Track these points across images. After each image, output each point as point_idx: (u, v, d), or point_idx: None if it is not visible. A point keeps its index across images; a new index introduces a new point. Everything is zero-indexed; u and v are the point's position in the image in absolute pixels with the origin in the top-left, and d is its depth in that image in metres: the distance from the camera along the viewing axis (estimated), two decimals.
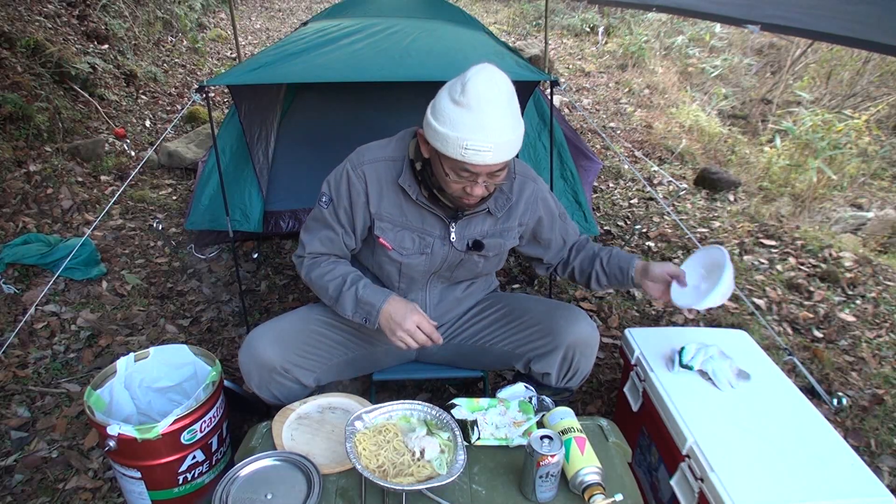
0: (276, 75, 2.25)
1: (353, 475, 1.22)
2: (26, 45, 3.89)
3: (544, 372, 1.54)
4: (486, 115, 1.20)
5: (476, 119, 1.20)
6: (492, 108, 1.20)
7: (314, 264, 1.49)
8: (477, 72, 1.23)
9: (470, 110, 1.20)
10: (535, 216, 1.56)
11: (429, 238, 1.48)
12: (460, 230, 1.47)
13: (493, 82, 1.22)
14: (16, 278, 2.63)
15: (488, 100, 1.20)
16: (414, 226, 1.47)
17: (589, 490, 1.16)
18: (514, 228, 1.53)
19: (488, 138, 1.20)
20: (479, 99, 1.20)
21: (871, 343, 2.54)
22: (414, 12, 3.01)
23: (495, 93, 1.21)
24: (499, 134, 1.21)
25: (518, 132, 1.26)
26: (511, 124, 1.23)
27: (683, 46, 7.15)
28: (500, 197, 1.47)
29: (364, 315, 1.40)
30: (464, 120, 1.21)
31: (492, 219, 1.50)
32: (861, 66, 5.80)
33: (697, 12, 2.60)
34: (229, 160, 2.90)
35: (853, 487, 1.26)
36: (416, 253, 1.49)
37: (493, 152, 1.22)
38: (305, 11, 9.53)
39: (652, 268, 1.52)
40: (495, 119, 1.21)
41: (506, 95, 1.23)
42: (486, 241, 1.49)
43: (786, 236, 3.39)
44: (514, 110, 1.25)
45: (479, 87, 1.20)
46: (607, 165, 4.19)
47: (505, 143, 1.23)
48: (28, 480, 1.81)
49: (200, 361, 1.71)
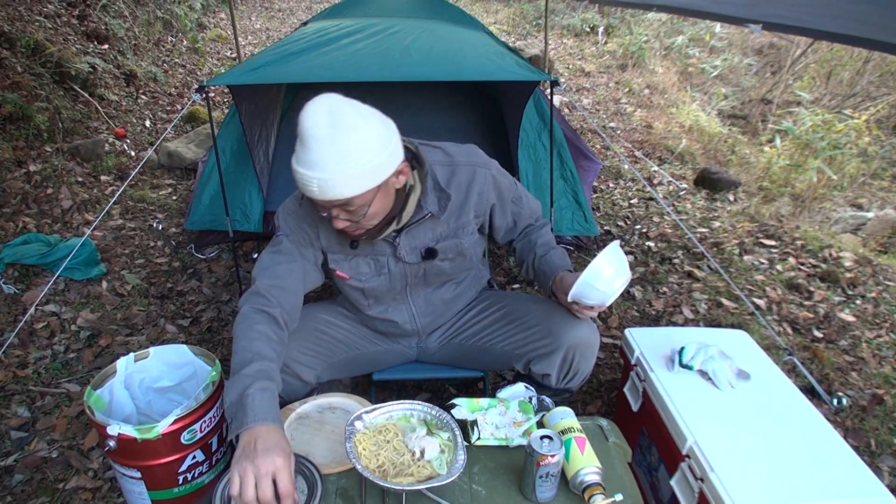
0: (276, 75, 2.25)
1: (353, 475, 1.22)
2: (26, 45, 3.89)
3: (544, 373, 1.53)
4: (310, 150, 1.14)
5: (304, 152, 1.15)
6: (316, 144, 1.14)
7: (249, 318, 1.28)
8: (309, 104, 1.16)
9: (301, 142, 1.16)
10: (490, 203, 1.51)
11: (381, 258, 1.45)
12: (408, 243, 1.43)
13: (320, 114, 1.14)
14: (16, 278, 2.63)
15: (312, 135, 1.14)
16: (365, 250, 1.44)
17: (589, 490, 1.16)
18: (469, 223, 1.48)
19: (312, 173, 1.15)
20: (304, 133, 1.15)
21: (871, 343, 2.54)
22: (414, 12, 3.01)
23: (322, 127, 1.13)
24: (322, 170, 1.14)
25: (356, 168, 1.15)
26: (340, 160, 1.14)
27: (683, 46, 7.15)
28: (441, 196, 1.40)
29: (232, 416, 1.12)
30: (298, 151, 1.17)
31: (440, 221, 1.43)
32: (861, 66, 5.80)
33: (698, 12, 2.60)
34: (229, 160, 2.90)
35: (853, 487, 1.26)
36: (374, 276, 1.47)
37: (318, 188, 1.16)
38: (305, 11, 9.53)
39: (565, 280, 1.46)
40: (319, 154, 1.14)
41: (340, 130, 1.14)
42: (438, 247, 1.45)
43: (786, 236, 3.39)
44: (349, 146, 1.14)
45: (306, 120, 1.15)
46: (607, 165, 4.20)
47: (331, 181, 1.15)
48: (28, 480, 1.81)
49: (200, 361, 1.71)
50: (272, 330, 1.28)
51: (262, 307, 1.30)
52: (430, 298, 1.58)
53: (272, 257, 1.40)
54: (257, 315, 1.29)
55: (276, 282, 1.34)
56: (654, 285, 2.89)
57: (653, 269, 3.02)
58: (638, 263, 3.08)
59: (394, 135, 1.24)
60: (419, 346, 1.68)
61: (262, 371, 1.18)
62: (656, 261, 3.10)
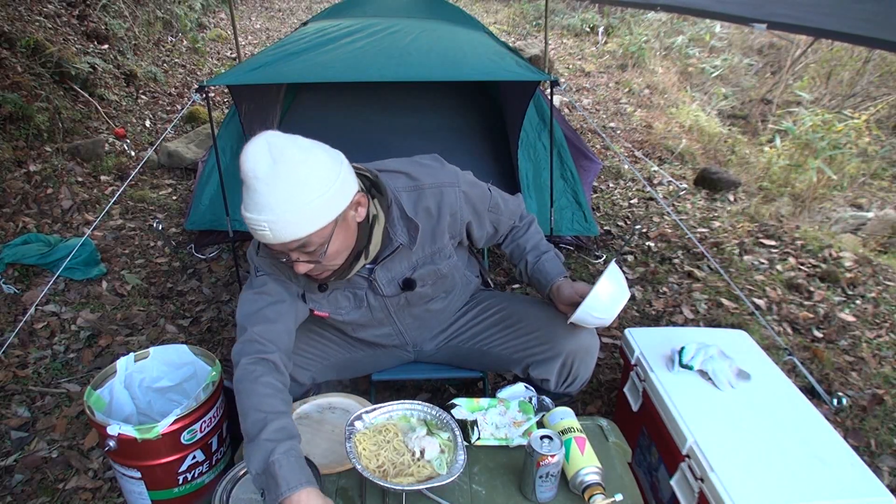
0: (277, 75, 2.26)
1: (353, 475, 1.22)
2: (26, 45, 3.89)
3: (543, 378, 1.53)
4: (255, 191, 1.08)
5: (249, 195, 1.09)
6: (259, 184, 1.07)
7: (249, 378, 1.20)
8: (250, 143, 1.10)
9: (245, 186, 1.10)
10: (465, 221, 1.41)
11: (360, 292, 1.40)
12: (384, 275, 1.37)
13: (261, 155, 1.08)
14: (16, 278, 2.63)
15: (255, 175, 1.07)
16: (341, 284, 1.37)
17: (589, 490, 1.16)
18: (445, 247, 1.40)
19: (260, 216, 1.08)
20: (247, 175, 1.08)
21: (871, 343, 2.54)
22: (414, 12, 3.01)
23: (264, 166, 1.07)
24: (270, 212, 1.07)
25: (305, 206, 1.08)
26: (287, 200, 1.07)
27: (683, 46, 7.15)
28: (410, 226, 1.31)
29: (262, 486, 1.09)
30: (245, 196, 1.11)
31: (412, 251, 1.35)
32: (861, 66, 5.79)
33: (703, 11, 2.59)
34: (229, 160, 2.90)
35: (853, 487, 1.26)
36: (353, 308, 1.42)
37: (270, 231, 1.09)
38: (305, 11, 9.53)
39: (562, 290, 1.44)
40: (265, 195, 1.07)
41: (284, 168, 1.07)
42: (416, 275, 1.39)
43: (786, 236, 3.39)
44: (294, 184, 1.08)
45: (247, 161, 1.08)
46: (607, 165, 4.19)
47: (283, 222, 1.08)
48: (28, 480, 1.81)
49: (200, 361, 1.71)
50: (276, 379, 1.23)
51: (260, 355, 1.23)
52: (416, 314, 1.53)
53: (257, 299, 1.31)
54: (258, 367, 1.22)
55: (268, 326, 1.27)
56: (654, 285, 2.89)
57: (653, 269, 3.02)
58: (638, 263, 3.08)
59: (342, 165, 1.17)
60: (416, 350, 1.68)
61: (281, 430, 1.12)
62: (656, 261, 3.10)
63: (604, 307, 1.33)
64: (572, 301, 1.40)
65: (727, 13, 1.93)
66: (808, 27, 1.56)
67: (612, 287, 1.34)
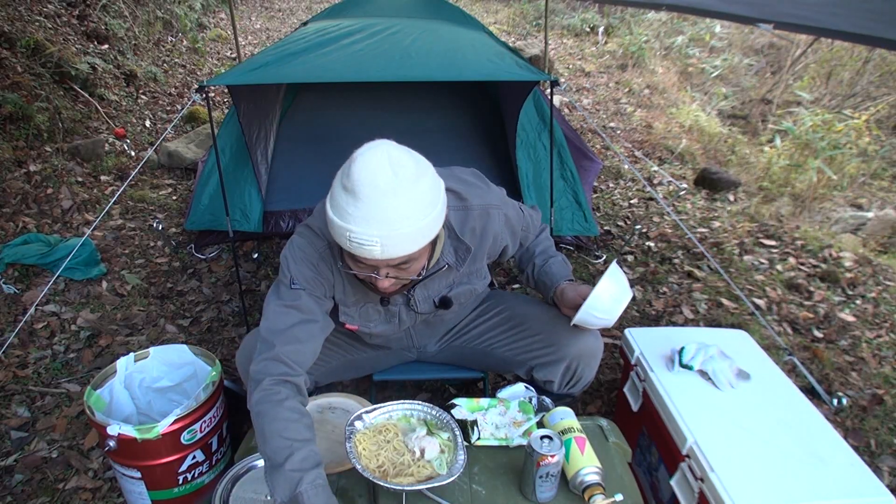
0: (277, 75, 2.25)
1: (353, 475, 1.22)
2: (26, 45, 3.89)
3: (546, 380, 1.53)
4: (371, 204, 1.00)
5: (360, 208, 1.01)
6: (379, 197, 1.00)
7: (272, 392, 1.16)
8: (364, 151, 1.03)
9: (354, 196, 1.01)
10: (503, 244, 1.42)
11: (393, 308, 1.39)
12: (422, 293, 1.37)
13: (383, 165, 1.01)
14: (16, 278, 2.63)
15: (375, 186, 1.00)
16: (373, 297, 1.35)
17: (589, 490, 1.16)
18: (482, 268, 1.43)
19: (373, 231, 1.01)
20: (364, 185, 1.00)
21: (871, 343, 2.54)
22: (414, 12, 3.01)
23: (386, 178, 1.00)
24: (388, 227, 1.01)
25: (424, 220, 1.04)
26: (407, 215, 1.02)
27: (683, 46, 7.15)
28: (458, 246, 1.31)
29: None
30: (348, 207, 1.02)
31: (454, 270, 1.36)
32: (861, 66, 5.79)
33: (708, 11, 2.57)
34: (229, 160, 2.91)
35: (853, 487, 1.26)
36: (382, 322, 1.42)
37: (381, 247, 1.02)
38: (305, 11, 9.53)
39: (566, 294, 1.43)
40: (384, 209, 1.00)
41: (403, 181, 1.01)
42: (452, 294, 1.39)
43: (786, 236, 3.39)
44: (414, 199, 1.02)
45: (364, 172, 1.01)
46: (607, 165, 4.19)
47: (398, 237, 1.02)
48: (28, 480, 1.81)
49: (200, 361, 1.72)
50: (300, 402, 1.19)
51: (285, 377, 1.19)
52: (430, 321, 1.54)
53: (288, 314, 1.24)
54: (282, 389, 1.18)
55: (297, 347, 1.22)
56: (654, 285, 2.89)
57: (653, 269, 3.02)
58: (638, 263, 3.08)
59: (441, 182, 1.12)
60: (419, 350, 1.68)
61: (306, 460, 1.09)
62: (656, 261, 3.10)
63: (606, 307, 1.33)
64: (575, 303, 1.38)
65: (733, 13, 1.92)
66: (814, 27, 1.55)
67: (614, 287, 1.34)
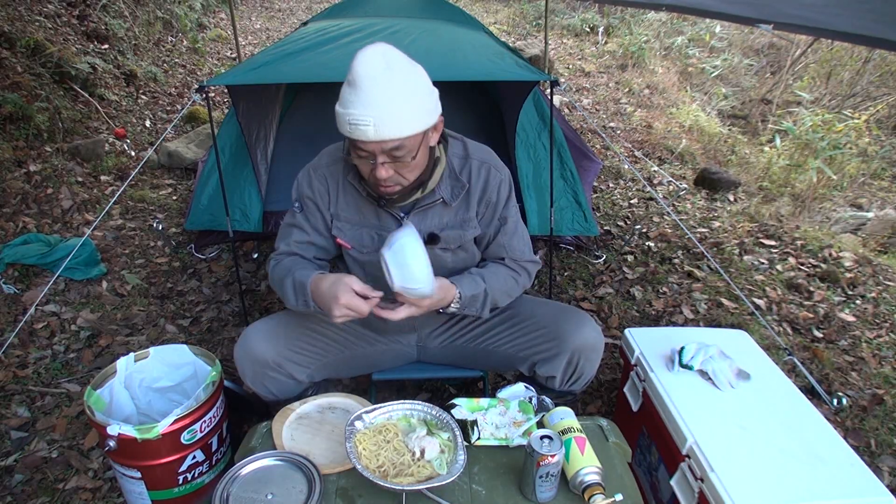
0: (276, 75, 2.26)
1: (353, 475, 1.22)
2: (26, 45, 3.89)
3: (549, 375, 1.53)
4: (365, 90, 1.18)
5: (357, 94, 1.19)
6: (372, 83, 1.18)
7: (278, 263, 1.48)
8: (365, 48, 1.22)
9: (353, 86, 1.20)
10: (493, 204, 1.49)
11: (385, 234, 1.43)
12: (415, 224, 1.43)
13: (376, 57, 1.20)
14: (16, 278, 2.63)
15: (369, 75, 1.18)
16: (371, 223, 1.47)
17: (589, 490, 1.16)
18: (472, 219, 1.49)
19: (367, 112, 1.18)
20: (360, 74, 1.19)
21: (871, 343, 2.54)
22: (414, 12, 3.01)
23: (378, 67, 1.19)
24: (379, 107, 1.18)
25: (408, 105, 1.21)
26: (395, 97, 1.19)
27: (683, 46, 7.15)
28: (455, 185, 1.44)
29: (304, 300, 1.36)
30: (348, 96, 1.21)
31: (449, 210, 1.46)
32: (861, 66, 5.79)
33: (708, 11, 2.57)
34: (229, 160, 2.90)
35: (853, 487, 1.26)
36: (374, 251, 1.45)
37: (374, 126, 1.19)
38: (305, 11, 9.52)
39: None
40: (377, 93, 1.18)
41: (395, 70, 1.20)
42: (442, 234, 1.46)
43: (786, 236, 3.39)
44: (403, 85, 1.20)
45: (362, 63, 1.19)
46: (607, 165, 4.20)
47: (388, 117, 1.19)
48: (28, 480, 1.81)
49: (200, 361, 1.72)
50: (298, 258, 1.48)
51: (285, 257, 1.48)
52: None
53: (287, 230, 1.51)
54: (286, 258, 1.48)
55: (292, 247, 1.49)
56: (654, 285, 2.89)
57: (653, 269, 3.02)
58: (638, 263, 3.08)
59: (434, 88, 1.29)
60: (419, 346, 1.68)
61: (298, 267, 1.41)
62: (656, 261, 3.10)
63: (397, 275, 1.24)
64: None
65: (733, 13, 1.92)
66: (814, 27, 1.55)
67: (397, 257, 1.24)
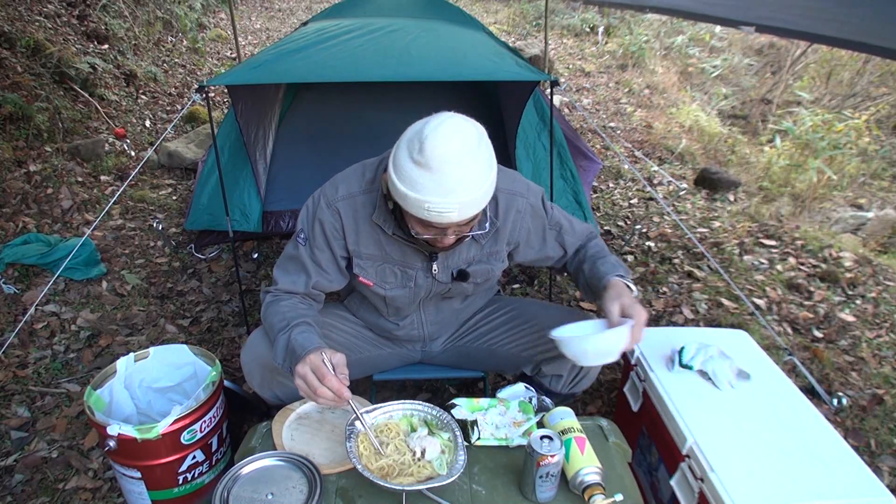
0: (276, 74, 2.25)
1: (353, 475, 1.22)
2: (26, 45, 3.89)
3: (555, 374, 1.54)
4: (447, 175, 1.09)
5: (437, 181, 1.10)
6: (453, 168, 1.09)
7: (274, 302, 1.38)
8: (436, 128, 1.11)
9: (430, 171, 1.10)
10: (524, 230, 1.47)
11: (411, 271, 1.42)
12: (443, 261, 1.42)
13: (453, 138, 1.10)
14: (16, 278, 2.63)
15: (448, 160, 1.09)
16: (395, 259, 1.41)
17: (589, 490, 1.16)
18: (501, 251, 1.46)
19: (452, 200, 1.11)
20: (439, 159, 1.09)
21: (871, 343, 2.54)
22: (414, 12, 3.00)
23: (457, 149, 1.10)
24: (464, 193, 1.11)
25: (488, 183, 1.16)
26: (477, 179, 1.13)
27: (683, 46, 7.15)
28: (483, 221, 1.38)
29: (289, 367, 1.23)
30: (424, 181, 1.11)
31: (477, 245, 1.42)
32: (861, 66, 5.80)
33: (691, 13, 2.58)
34: (228, 160, 2.90)
35: (853, 487, 1.26)
36: (398, 286, 1.45)
37: (458, 212, 1.13)
38: (305, 11, 9.52)
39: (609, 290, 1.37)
40: (459, 179, 1.10)
41: (471, 149, 1.12)
42: (471, 270, 1.43)
43: (786, 236, 3.39)
44: (481, 163, 1.14)
45: (438, 146, 1.09)
46: (607, 165, 4.19)
47: (471, 201, 1.13)
48: (28, 480, 1.81)
49: (200, 361, 1.72)
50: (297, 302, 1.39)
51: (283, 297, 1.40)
52: (440, 307, 1.57)
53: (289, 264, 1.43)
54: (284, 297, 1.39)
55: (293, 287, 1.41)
56: (654, 285, 2.89)
57: (653, 269, 3.02)
58: (638, 263, 3.08)
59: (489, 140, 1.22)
60: (423, 350, 1.68)
61: (297, 322, 1.28)
62: (656, 261, 3.10)
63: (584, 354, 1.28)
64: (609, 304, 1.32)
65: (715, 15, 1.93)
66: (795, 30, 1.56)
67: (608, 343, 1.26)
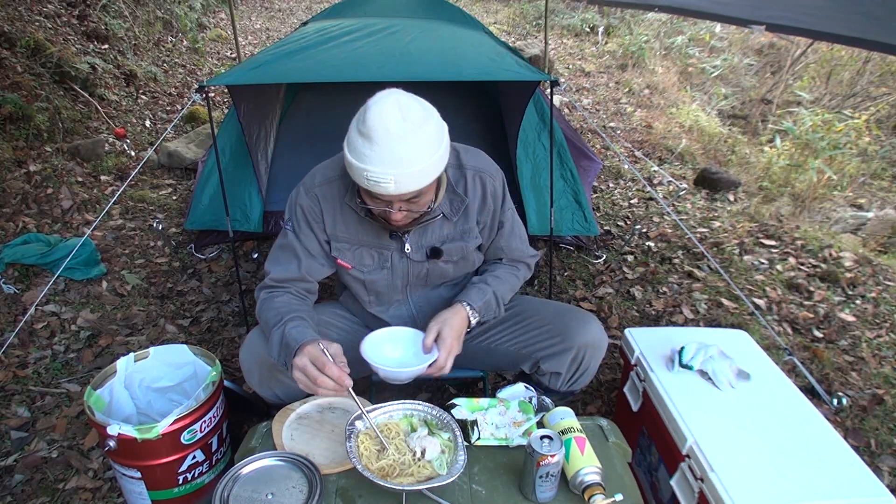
0: (277, 74, 2.25)
1: (353, 475, 1.22)
2: (26, 45, 3.89)
3: (554, 371, 1.54)
4: (383, 147, 1.15)
5: (374, 149, 1.16)
6: (390, 140, 1.15)
7: (268, 299, 1.41)
8: (377, 100, 1.18)
9: (368, 139, 1.16)
10: (491, 212, 1.50)
11: (386, 252, 1.46)
12: (416, 240, 1.45)
13: (393, 111, 1.16)
14: (16, 278, 2.63)
15: (387, 130, 1.14)
16: (371, 242, 1.45)
17: (589, 490, 1.16)
18: (473, 229, 1.49)
19: (387, 170, 1.15)
20: (378, 130, 1.15)
21: (871, 343, 2.54)
22: (414, 12, 3.01)
23: (396, 122, 1.15)
24: (401, 165, 1.15)
25: (430, 162, 1.19)
26: (415, 156, 1.17)
27: (683, 46, 7.14)
28: (454, 199, 1.43)
29: (283, 362, 1.28)
30: (364, 149, 1.17)
31: (449, 223, 1.45)
32: (861, 65, 5.79)
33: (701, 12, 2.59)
34: (229, 160, 2.90)
35: (853, 487, 1.26)
36: (376, 269, 1.48)
37: (395, 184, 1.17)
38: (305, 11, 9.52)
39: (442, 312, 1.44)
40: (397, 150, 1.15)
41: (412, 126, 1.16)
42: (444, 247, 1.46)
43: (786, 236, 3.39)
44: (422, 140, 1.17)
45: (378, 117, 1.15)
46: (607, 165, 4.19)
47: (410, 174, 1.17)
48: (28, 480, 1.81)
49: (200, 361, 1.72)
50: (291, 298, 1.42)
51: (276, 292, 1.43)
52: (429, 297, 1.58)
53: (280, 253, 1.47)
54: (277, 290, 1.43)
55: (286, 275, 1.44)
56: (654, 285, 2.89)
57: (653, 269, 3.02)
58: (638, 263, 3.08)
59: (444, 125, 1.27)
60: None
61: (290, 317, 1.31)
62: (656, 261, 3.10)
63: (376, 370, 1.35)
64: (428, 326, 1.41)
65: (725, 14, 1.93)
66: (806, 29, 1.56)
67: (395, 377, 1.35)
